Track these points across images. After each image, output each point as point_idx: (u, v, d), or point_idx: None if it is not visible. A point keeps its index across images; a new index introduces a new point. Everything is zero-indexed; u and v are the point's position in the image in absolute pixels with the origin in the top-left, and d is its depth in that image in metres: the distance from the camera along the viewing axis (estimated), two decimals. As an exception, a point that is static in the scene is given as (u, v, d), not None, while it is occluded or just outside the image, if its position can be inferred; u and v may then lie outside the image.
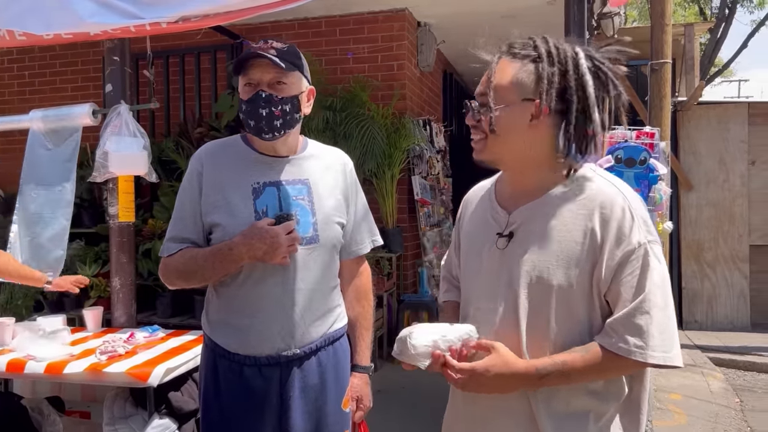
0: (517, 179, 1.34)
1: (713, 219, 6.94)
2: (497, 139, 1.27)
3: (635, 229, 1.21)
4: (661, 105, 5.48)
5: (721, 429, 4.10)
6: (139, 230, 4.55)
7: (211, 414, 1.75)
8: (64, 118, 3.12)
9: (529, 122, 1.25)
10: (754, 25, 12.63)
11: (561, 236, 1.24)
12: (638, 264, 1.20)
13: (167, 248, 1.74)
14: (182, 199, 1.76)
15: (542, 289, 1.25)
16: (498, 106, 1.26)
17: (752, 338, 6.44)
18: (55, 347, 2.48)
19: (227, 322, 1.73)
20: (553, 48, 1.26)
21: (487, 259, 1.34)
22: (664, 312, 1.21)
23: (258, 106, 1.65)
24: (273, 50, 1.66)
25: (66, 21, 2.73)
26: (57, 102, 4.87)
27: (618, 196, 1.24)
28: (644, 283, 1.20)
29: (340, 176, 1.84)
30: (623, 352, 1.19)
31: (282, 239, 1.61)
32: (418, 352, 1.27)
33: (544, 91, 1.23)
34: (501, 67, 1.27)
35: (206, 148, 1.81)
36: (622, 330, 1.20)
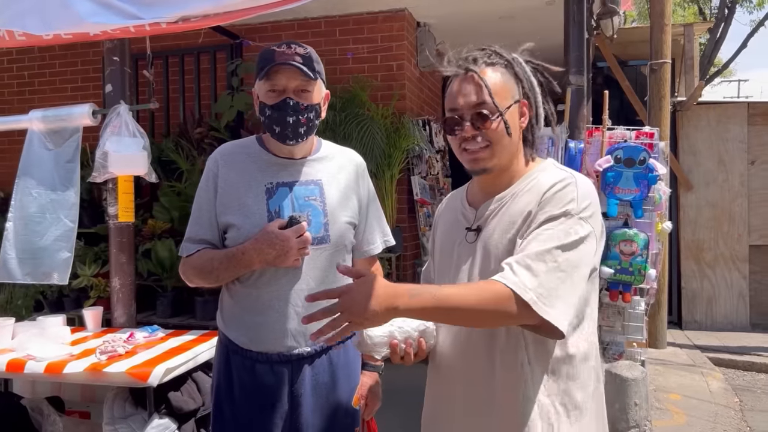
0: (496, 180, 1.39)
1: (712, 219, 6.95)
2: (507, 143, 1.33)
3: (570, 201, 1.26)
4: (660, 105, 5.49)
5: (721, 429, 4.11)
6: (139, 230, 4.55)
7: (223, 408, 1.78)
8: (63, 119, 3.12)
9: (519, 122, 1.36)
10: (754, 25, 12.64)
11: (515, 218, 1.31)
12: (559, 226, 1.23)
13: (186, 248, 1.79)
14: (199, 200, 1.80)
15: None
16: (504, 110, 1.32)
17: (751, 338, 6.45)
18: (54, 347, 2.48)
19: (240, 319, 1.76)
20: (507, 54, 1.38)
21: (458, 254, 1.40)
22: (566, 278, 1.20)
23: (286, 114, 1.68)
24: (298, 57, 1.68)
25: (66, 21, 2.73)
26: (56, 102, 4.87)
27: (568, 177, 1.30)
28: (556, 242, 1.21)
29: (352, 177, 1.86)
30: (511, 283, 1.17)
31: (292, 243, 1.64)
32: (374, 342, 1.32)
33: (527, 90, 1.36)
34: (489, 75, 1.33)
35: (222, 149, 1.84)
36: (519, 265, 1.20)
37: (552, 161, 1.42)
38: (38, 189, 3.07)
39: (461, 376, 1.36)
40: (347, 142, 4.93)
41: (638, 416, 2.98)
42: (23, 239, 3.04)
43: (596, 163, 3.19)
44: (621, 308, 3.27)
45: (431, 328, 1.38)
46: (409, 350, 1.34)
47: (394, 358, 1.35)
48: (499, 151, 1.33)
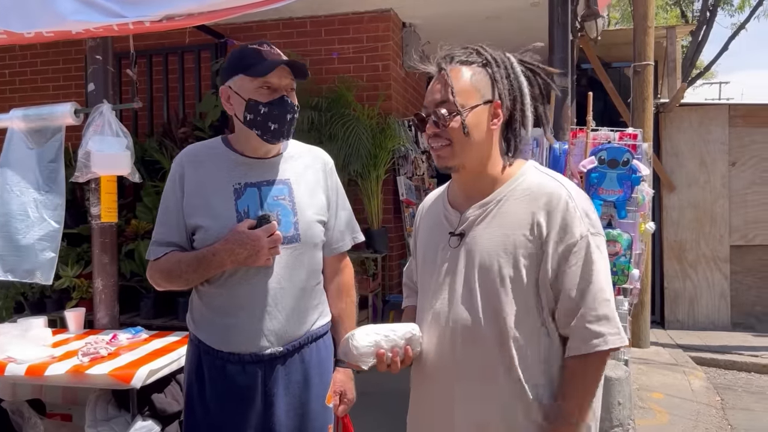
0: (471, 181, 1.38)
1: (695, 220, 7.03)
2: (467, 144, 1.32)
3: (577, 222, 1.28)
4: (643, 107, 5.54)
5: (703, 427, 4.15)
6: (122, 231, 4.51)
7: (195, 410, 1.76)
8: (45, 118, 3.08)
9: (489, 123, 1.34)
10: (735, 28, 12.80)
11: (509, 231, 1.30)
12: (581, 255, 1.27)
13: (153, 252, 1.76)
14: (165, 203, 1.78)
15: (495, 283, 1.30)
16: (466, 109, 1.31)
17: (732, 337, 6.53)
18: (36, 349, 2.45)
19: (211, 319, 1.74)
20: (493, 53, 1.36)
21: (442, 258, 1.39)
22: (612, 298, 1.30)
23: (286, 111, 1.69)
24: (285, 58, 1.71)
25: (48, 19, 2.70)
26: (38, 101, 4.81)
27: (561, 190, 1.30)
28: (590, 274, 1.27)
29: (320, 175, 1.86)
30: (603, 345, 1.26)
31: (263, 242, 1.63)
32: (361, 353, 1.31)
33: (502, 91, 1.33)
34: (456, 74, 1.33)
35: (187, 151, 1.82)
36: (589, 325, 1.27)
37: (533, 163, 1.41)
38: (20, 186, 3.03)
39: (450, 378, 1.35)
40: (333, 142, 4.93)
41: (622, 415, 3.01)
42: (5, 236, 3.00)
43: (580, 164, 3.21)
44: (605, 308, 3.29)
45: (417, 336, 1.37)
46: (395, 359, 1.33)
47: (380, 367, 1.34)
48: (460, 150, 1.33)
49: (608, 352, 1.28)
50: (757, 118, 6.93)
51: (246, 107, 1.70)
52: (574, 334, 1.28)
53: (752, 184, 6.94)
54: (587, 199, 1.35)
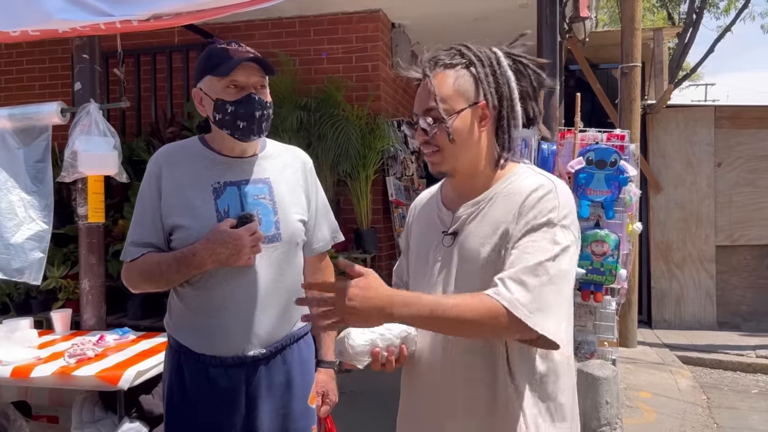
0: (466, 183, 1.37)
1: (681, 220, 7.09)
2: (455, 149, 1.31)
3: (551, 210, 1.24)
4: (631, 108, 5.59)
5: (689, 426, 4.19)
6: (109, 231, 4.48)
7: (176, 415, 1.74)
8: (31, 117, 3.05)
9: (479, 125, 1.32)
10: (721, 30, 12.93)
11: (497, 225, 1.28)
12: (544, 237, 1.22)
13: (129, 253, 1.73)
14: (142, 203, 1.75)
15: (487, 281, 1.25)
16: (451, 116, 1.29)
17: (718, 337, 6.60)
18: (21, 350, 2.43)
19: (191, 322, 1.72)
20: (477, 52, 1.33)
21: (434, 258, 1.38)
22: (558, 290, 1.21)
23: (253, 108, 1.67)
24: (250, 53, 1.68)
25: (34, 17, 2.68)
26: (24, 100, 4.76)
27: (547, 183, 1.28)
28: (545, 253, 1.21)
29: (300, 174, 1.85)
30: (504, 300, 1.17)
31: (245, 241, 1.62)
32: (356, 352, 1.30)
33: (486, 91, 1.30)
34: (439, 80, 1.31)
35: (163, 150, 1.80)
36: (510, 281, 1.19)
37: (526, 165, 1.39)
38: (7, 186, 3.00)
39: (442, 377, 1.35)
40: (322, 142, 4.92)
41: (609, 414, 3.03)
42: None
43: (568, 164, 3.23)
44: (592, 308, 3.32)
45: (413, 335, 1.36)
46: (390, 358, 1.32)
47: (374, 366, 1.33)
48: (449, 156, 1.32)
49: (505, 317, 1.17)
50: (743, 120, 7.01)
51: (214, 107, 1.69)
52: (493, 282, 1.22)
53: (737, 185, 7.01)
54: (572, 199, 1.32)
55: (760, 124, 6.98)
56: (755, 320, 7.04)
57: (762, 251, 7.06)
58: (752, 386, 5.30)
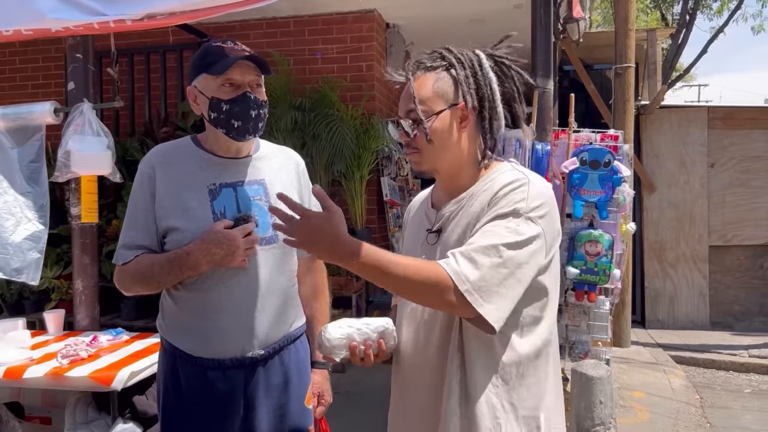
0: (451, 182, 1.40)
1: (674, 220, 7.12)
2: (434, 150, 1.34)
3: (520, 201, 1.25)
4: (624, 108, 5.61)
5: (682, 425, 4.21)
6: (103, 231, 4.47)
7: (173, 418, 1.73)
8: (24, 117, 3.04)
9: (459, 126, 1.34)
10: (714, 31, 12.98)
11: (472, 221, 1.30)
12: (507, 225, 1.23)
13: (122, 256, 1.71)
14: (134, 205, 1.73)
15: None
16: (429, 117, 1.32)
17: (711, 336, 6.63)
18: (14, 351, 2.42)
19: (187, 325, 1.70)
20: (459, 54, 1.35)
21: (420, 256, 1.38)
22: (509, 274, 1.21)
23: (248, 107, 1.66)
24: (245, 52, 1.67)
25: (27, 17, 2.67)
26: (17, 100, 4.74)
27: (522, 178, 1.29)
28: (502, 239, 1.22)
29: (294, 175, 1.84)
30: (450, 270, 1.20)
31: (239, 242, 1.61)
32: (333, 345, 1.33)
33: (465, 92, 1.32)
34: (419, 82, 1.34)
35: (156, 151, 1.78)
36: (461, 255, 1.22)
37: (510, 163, 1.40)
38: (3, 186, 2.99)
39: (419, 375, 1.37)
40: (316, 142, 4.92)
41: (603, 414, 3.04)
42: None
43: (562, 165, 3.24)
44: (586, 308, 3.33)
45: (390, 329, 1.38)
46: (368, 351, 1.34)
47: (354, 360, 1.35)
48: (428, 156, 1.35)
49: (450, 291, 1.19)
50: (736, 121, 7.05)
51: (209, 106, 1.67)
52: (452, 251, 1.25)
53: (730, 185, 7.05)
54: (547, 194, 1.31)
55: (752, 124, 7.02)
56: (748, 320, 7.08)
57: (755, 251, 7.10)
58: (745, 386, 5.33)
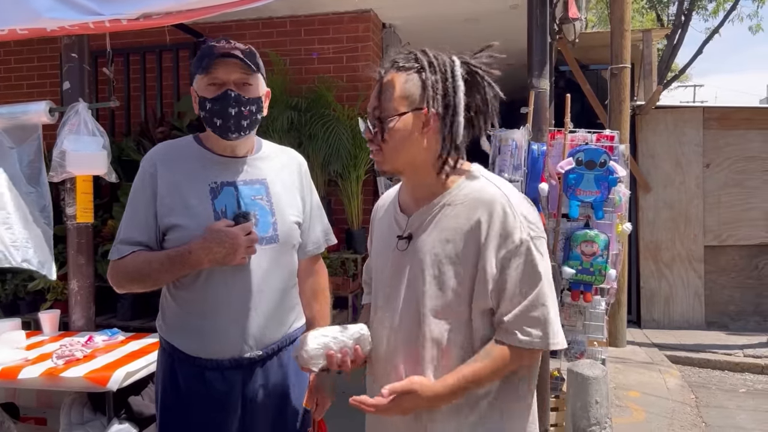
0: (415, 185, 1.40)
1: (670, 220, 7.14)
2: (393, 151, 1.34)
3: (517, 227, 1.28)
4: (620, 109, 5.62)
5: (678, 425, 4.22)
6: (98, 231, 4.45)
7: (171, 418, 1.73)
8: (19, 116, 3.03)
9: (421, 130, 1.32)
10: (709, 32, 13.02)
11: (450, 236, 1.31)
12: (521, 260, 1.28)
13: (118, 251, 1.70)
14: (134, 202, 1.73)
15: (437, 289, 1.31)
16: (391, 117, 1.32)
17: (707, 336, 6.64)
18: (9, 351, 2.41)
19: (186, 325, 1.70)
20: (433, 58, 1.33)
21: (391, 261, 1.40)
22: (554, 303, 1.30)
23: (227, 105, 1.65)
24: (238, 50, 1.65)
25: (22, 16, 2.66)
26: (12, 99, 4.72)
27: (499, 196, 1.30)
28: (533, 277, 1.28)
29: (295, 176, 1.84)
30: (526, 344, 1.27)
31: (241, 241, 1.60)
32: (311, 356, 1.35)
33: (431, 97, 1.30)
34: (389, 81, 1.34)
35: (158, 149, 1.79)
36: (522, 324, 1.28)
37: (477, 168, 1.40)
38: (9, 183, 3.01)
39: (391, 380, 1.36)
40: (312, 142, 4.91)
41: (599, 414, 3.04)
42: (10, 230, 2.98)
43: (558, 165, 3.24)
44: (582, 308, 3.33)
45: (366, 335, 1.39)
46: (345, 359, 1.37)
47: (331, 368, 1.37)
48: (388, 156, 1.35)
49: (527, 353, 1.29)
50: (731, 121, 7.07)
51: (199, 105, 1.69)
52: (503, 328, 1.29)
53: (726, 185, 7.07)
54: (526, 202, 1.35)
55: (748, 125, 7.04)
56: (743, 320, 7.10)
57: (750, 251, 7.12)
58: (740, 385, 5.35)
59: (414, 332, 1.33)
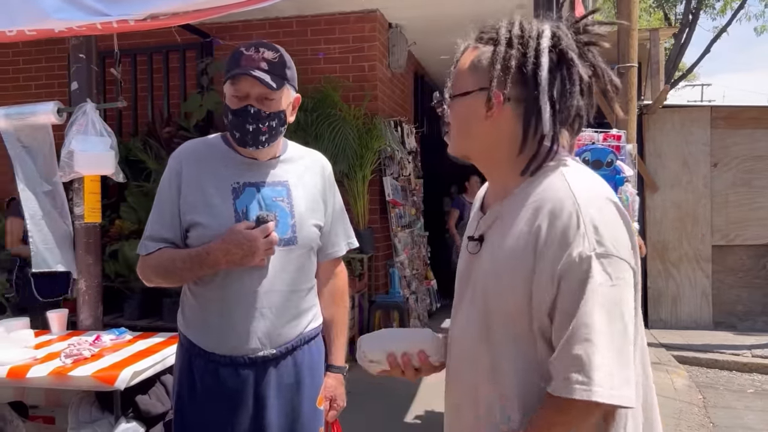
0: (492, 178, 1.23)
1: (677, 220, 7.11)
2: (456, 132, 1.19)
3: (578, 239, 1.03)
4: (627, 108, 5.59)
5: (685, 425, 4.20)
6: (106, 231, 4.48)
7: (185, 412, 1.75)
8: (28, 116, 3.05)
9: (486, 113, 1.12)
10: (717, 31, 12.98)
11: (512, 240, 1.11)
12: (575, 281, 1.02)
13: (145, 246, 1.74)
14: (161, 199, 1.76)
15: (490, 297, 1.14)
16: (455, 95, 1.17)
17: (714, 336, 6.61)
18: (17, 351, 2.42)
19: (203, 321, 1.73)
20: (517, 28, 1.13)
21: (464, 263, 1.27)
22: (610, 339, 1.01)
23: (245, 121, 1.66)
24: (264, 63, 1.64)
25: (30, 17, 2.67)
26: (20, 100, 4.74)
27: (567, 200, 1.06)
28: (579, 303, 1.01)
29: (318, 178, 1.86)
30: (565, 391, 1.01)
31: (259, 243, 1.62)
32: (369, 358, 1.28)
33: (495, 77, 1.10)
34: (466, 56, 1.18)
35: (186, 147, 1.81)
36: (562, 365, 1.02)
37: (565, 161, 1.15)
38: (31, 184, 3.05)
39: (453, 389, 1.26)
40: (319, 142, 4.92)
41: (606, 414, 3.04)
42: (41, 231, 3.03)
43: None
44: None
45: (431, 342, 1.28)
46: (407, 365, 1.25)
47: (395, 373, 1.28)
48: (454, 138, 1.19)
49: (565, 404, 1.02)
50: (739, 120, 7.04)
51: (224, 110, 1.72)
52: (551, 367, 1.05)
53: (733, 185, 7.04)
54: (606, 209, 1.07)
55: (756, 124, 7.00)
56: (751, 320, 7.06)
57: (758, 251, 7.09)
58: (748, 386, 5.32)
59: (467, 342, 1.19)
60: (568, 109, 1.11)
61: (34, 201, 3.04)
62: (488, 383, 1.14)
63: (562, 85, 1.10)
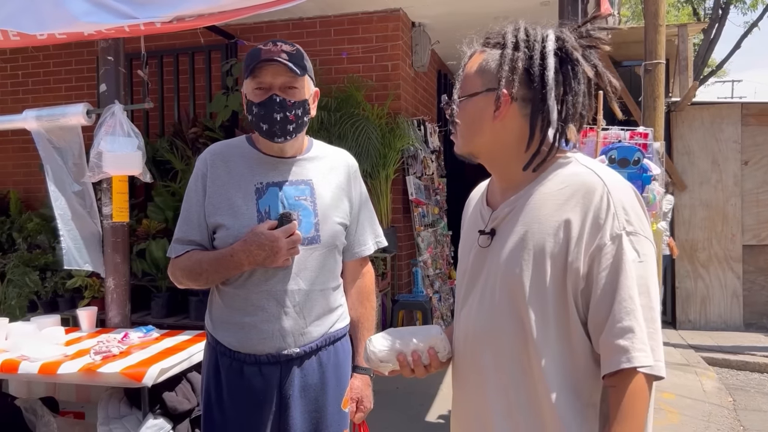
0: (500, 174, 1.28)
1: (706, 219, 6.98)
2: (463, 132, 1.24)
3: (610, 219, 1.11)
4: (654, 105, 5.50)
5: (714, 428, 4.12)
6: (134, 230, 4.54)
7: (213, 411, 1.77)
8: (58, 118, 3.11)
9: (494, 113, 1.19)
10: (747, 26, 12.70)
11: (535, 230, 1.16)
12: (610, 257, 1.10)
13: (174, 249, 1.77)
14: (188, 201, 1.78)
15: (517, 289, 1.16)
16: (462, 96, 1.23)
17: (745, 338, 6.48)
18: (49, 347, 2.47)
19: (229, 320, 1.75)
20: (523, 33, 1.21)
21: (472, 258, 1.30)
22: (650, 311, 1.11)
23: (273, 111, 1.67)
24: (284, 54, 1.66)
25: (60, 21, 2.72)
26: (51, 102, 4.85)
27: (597, 184, 1.14)
28: (618, 278, 1.09)
29: (343, 177, 1.85)
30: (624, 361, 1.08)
31: (282, 244, 1.63)
32: (379, 358, 1.27)
33: (503, 78, 1.16)
34: (473, 60, 1.24)
35: (211, 149, 1.83)
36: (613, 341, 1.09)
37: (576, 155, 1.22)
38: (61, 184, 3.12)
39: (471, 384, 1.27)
40: (342, 142, 4.93)
41: (632, 415, 3.00)
42: (70, 231, 3.10)
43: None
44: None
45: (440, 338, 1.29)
46: (418, 363, 1.27)
47: (404, 372, 1.29)
48: (461, 137, 1.25)
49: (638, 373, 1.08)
50: (770, 117, 6.88)
51: (246, 108, 1.72)
52: (602, 349, 1.11)
53: (765, 183, 6.89)
54: (629, 192, 1.16)
55: (788, 121, 6.85)
56: (783, 321, 6.91)
57: (790, 251, 6.93)
58: (780, 388, 5.21)
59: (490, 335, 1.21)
60: (574, 106, 1.18)
61: (63, 201, 3.10)
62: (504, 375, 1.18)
63: (568, 83, 1.17)
